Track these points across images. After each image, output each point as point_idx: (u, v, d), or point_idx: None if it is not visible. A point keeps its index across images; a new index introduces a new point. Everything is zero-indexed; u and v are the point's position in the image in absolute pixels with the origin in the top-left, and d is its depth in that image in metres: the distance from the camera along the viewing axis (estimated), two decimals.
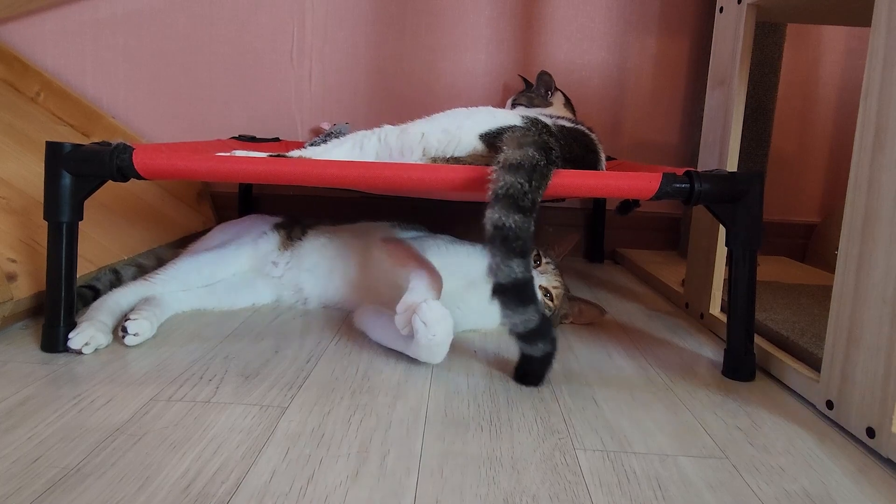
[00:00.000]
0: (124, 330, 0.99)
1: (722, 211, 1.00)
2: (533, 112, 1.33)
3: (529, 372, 0.93)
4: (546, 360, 0.91)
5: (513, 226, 0.84)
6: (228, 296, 1.22)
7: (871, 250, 0.80)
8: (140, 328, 1.00)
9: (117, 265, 1.24)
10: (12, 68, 1.72)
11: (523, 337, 0.88)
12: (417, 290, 0.95)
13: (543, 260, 1.17)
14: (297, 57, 1.85)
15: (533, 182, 0.87)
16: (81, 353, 0.95)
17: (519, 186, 0.86)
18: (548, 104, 1.55)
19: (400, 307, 0.95)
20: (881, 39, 0.79)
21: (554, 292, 1.15)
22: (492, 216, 0.85)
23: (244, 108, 1.86)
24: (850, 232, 0.83)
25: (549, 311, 1.16)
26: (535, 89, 1.61)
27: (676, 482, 0.69)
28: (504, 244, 0.84)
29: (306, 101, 1.87)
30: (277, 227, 1.32)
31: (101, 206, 1.32)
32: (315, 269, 1.25)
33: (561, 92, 1.62)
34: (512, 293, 0.85)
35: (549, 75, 1.58)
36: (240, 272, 1.27)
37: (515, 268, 0.84)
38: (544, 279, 1.15)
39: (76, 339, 0.95)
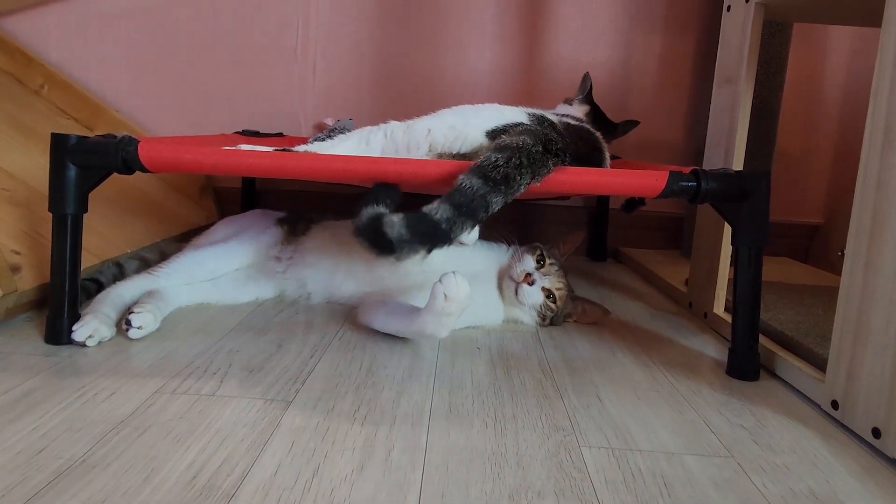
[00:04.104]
0: (128, 323, 0.99)
1: (728, 210, 1.00)
2: (538, 110, 1.32)
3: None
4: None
5: (467, 186, 0.85)
6: (232, 290, 1.22)
7: (879, 250, 0.80)
8: (144, 321, 1.00)
9: (120, 258, 1.24)
10: (16, 60, 1.71)
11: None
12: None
13: (547, 261, 1.17)
14: (301, 52, 1.84)
15: (512, 160, 0.87)
16: (85, 346, 0.95)
17: (493, 161, 0.87)
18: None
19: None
20: (892, 38, 0.79)
21: (557, 294, 1.15)
22: (457, 179, 0.87)
23: (248, 103, 1.86)
24: (859, 231, 0.83)
25: (552, 312, 1.16)
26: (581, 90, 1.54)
27: (682, 480, 0.69)
28: (449, 198, 0.85)
29: (310, 96, 1.86)
30: (281, 222, 1.32)
31: (104, 200, 1.31)
32: (318, 265, 1.25)
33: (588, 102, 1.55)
34: (424, 236, 0.84)
35: (586, 77, 1.53)
36: (243, 267, 1.26)
37: (441, 215, 0.84)
38: (547, 281, 1.15)
39: (80, 332, 0.95)
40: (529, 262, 1.15)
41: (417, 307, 0.99)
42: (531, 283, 1.13)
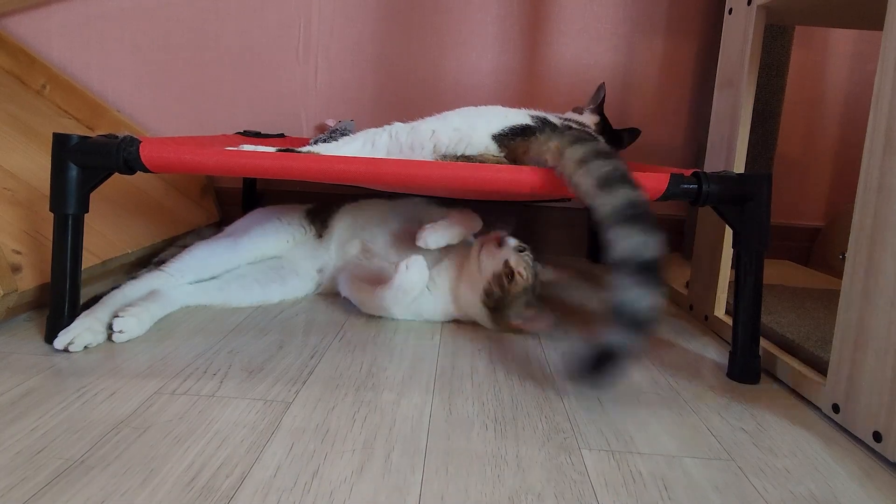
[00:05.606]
0: (110, 327, 0.98)
1: (729, 212, 1.00)
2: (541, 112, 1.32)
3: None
4: None
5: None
6: (237, 292, 1.21)
7: (880, 253, 0.79)
8: (126, 326, 0.98)
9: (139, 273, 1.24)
10: (18, 61, 1.71)
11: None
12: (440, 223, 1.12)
13: (526, 252, 1.12)
14: (303, 53, 1.84)
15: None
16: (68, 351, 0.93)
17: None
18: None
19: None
20: (894, 42, 0.79)
21: (517, 278, 1.08)
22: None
23: (249, 103, 1.86)
24: (859, 235, 0.83)
25: (500, 292, 1.09)
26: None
27: (682, 483, 0.69)
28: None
29: (312, 97, 1.86)
30: (308, 213, 1.38)
31: (105, 200, 1.31)
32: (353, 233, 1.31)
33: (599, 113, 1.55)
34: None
35: (601, 88, 1.53)
36: (256, 262, 1.29)
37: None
38: (514, 258, 1.09)
39: (60, 339, 0.93)
40: (508, 237, 1.12)
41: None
42: (499, 245, 1.10)
